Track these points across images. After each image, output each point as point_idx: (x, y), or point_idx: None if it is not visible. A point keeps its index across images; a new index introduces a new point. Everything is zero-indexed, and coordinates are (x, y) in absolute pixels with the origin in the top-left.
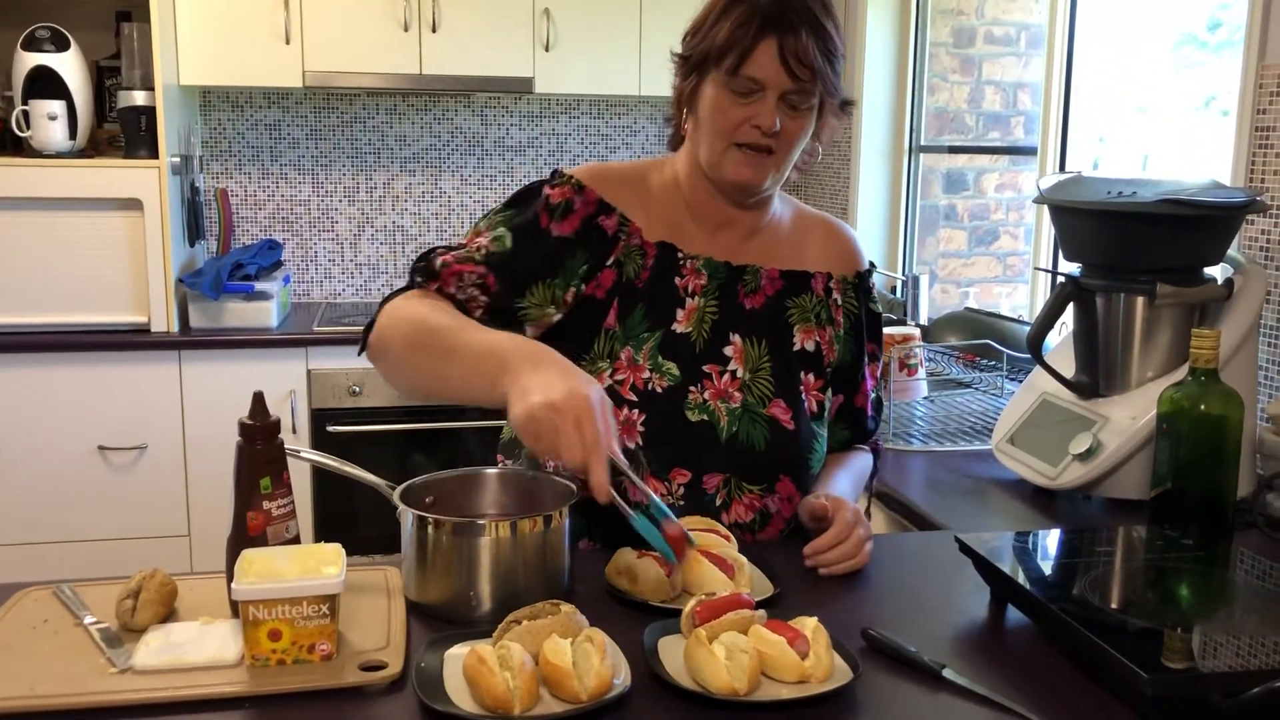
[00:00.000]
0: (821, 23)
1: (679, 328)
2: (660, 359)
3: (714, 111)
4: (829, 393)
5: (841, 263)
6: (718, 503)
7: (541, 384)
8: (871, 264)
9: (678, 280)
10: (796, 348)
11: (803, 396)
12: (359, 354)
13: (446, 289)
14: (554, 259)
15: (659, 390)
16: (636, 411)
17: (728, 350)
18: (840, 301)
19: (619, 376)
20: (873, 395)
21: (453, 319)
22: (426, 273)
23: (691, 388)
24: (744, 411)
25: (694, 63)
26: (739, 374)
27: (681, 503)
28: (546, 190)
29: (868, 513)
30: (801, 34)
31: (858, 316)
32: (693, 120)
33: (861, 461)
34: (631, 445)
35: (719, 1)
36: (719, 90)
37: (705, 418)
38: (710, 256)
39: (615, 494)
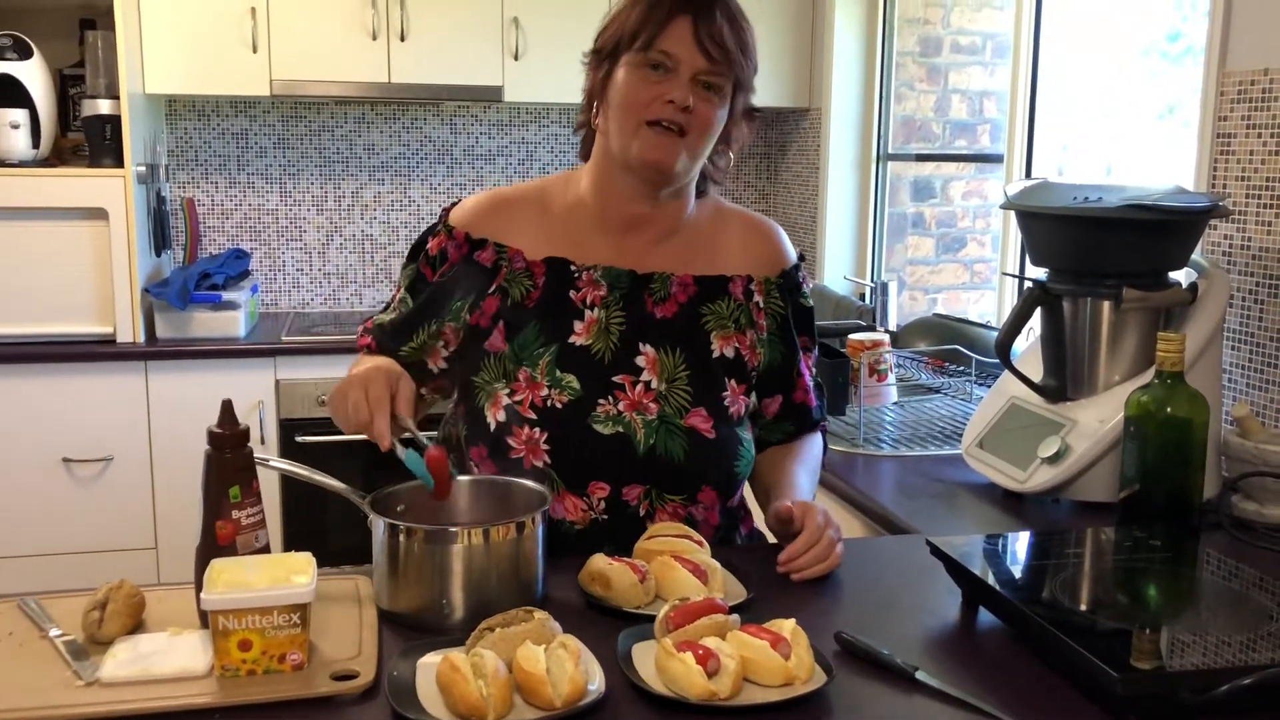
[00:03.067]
0: (735, 13)
1: (578, 340)
2: (558, 373)
3: (626, 91)
4: (753, 396)
5: (763, 263)
6: (640, 513)
7: (349, 375)
8: (801, 256)
9: (573, 293)
10: (716, 355)
11: (726, 404)
12: None
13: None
14: (434, 303)
15: (559, 406)
16: (538, 430)
17: (639, 360)
18: (763, 304)
19: (518, 397)
20: (811, 383)
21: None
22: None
23: (601, 400)
24: (661, 423)
25: (606, 51)
26: (653, 384)
27: (604, 516)
28: (430, 241)
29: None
30: (715, 15)
31: (784, 316)
32: (604, 111)
33: (813, 451)
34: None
35: None
36: (631, 70)
37: (620, 429)
38: (611, 265)
39: (396, 441)
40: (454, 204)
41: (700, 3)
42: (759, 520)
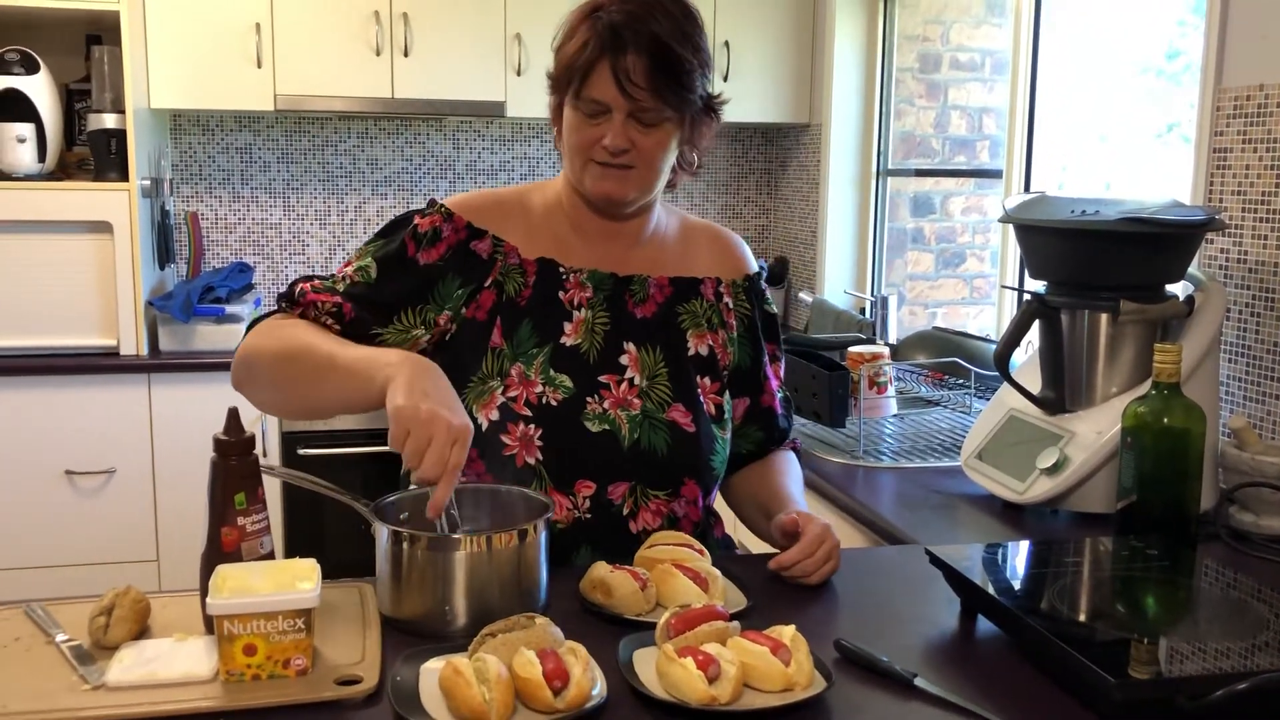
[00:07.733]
0: (662, 40)
1: (568, 340)
2: (552, 372)
3: (570, 131)
4: (727, 395)
5: (730, 267)
6: (625, 512)
7: (434, 391)
8: (762, 266)
9: (562, 294)
10: (691, 352)
11: (700, 399)
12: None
13: (306, 315)
14: (422, 286)
15: (553, 403)
16: (533, 426)
17: (623, 359)
18: (731, 305)
19: (512, 393)
20: (780, 395)
21: (325, 336)
22: (288, 299)
23: (589, 399)
24: (644, 418)
25: (553, 83)
26: (636, 381)
27: (588, 516)
28: (416, 220)
29: None
30: (630, 55)
31: (751, 319)
32: (560, 137)
33: (795, 469)
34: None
35: (571, 21)
36: (572, 110)
37: (607, 427)
38: (595, 268)
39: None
40: (432, 200)
41: (619, 42)
42: (728, 525)
